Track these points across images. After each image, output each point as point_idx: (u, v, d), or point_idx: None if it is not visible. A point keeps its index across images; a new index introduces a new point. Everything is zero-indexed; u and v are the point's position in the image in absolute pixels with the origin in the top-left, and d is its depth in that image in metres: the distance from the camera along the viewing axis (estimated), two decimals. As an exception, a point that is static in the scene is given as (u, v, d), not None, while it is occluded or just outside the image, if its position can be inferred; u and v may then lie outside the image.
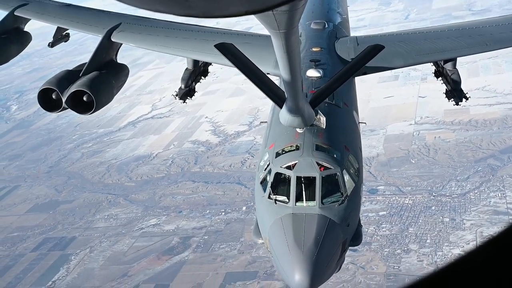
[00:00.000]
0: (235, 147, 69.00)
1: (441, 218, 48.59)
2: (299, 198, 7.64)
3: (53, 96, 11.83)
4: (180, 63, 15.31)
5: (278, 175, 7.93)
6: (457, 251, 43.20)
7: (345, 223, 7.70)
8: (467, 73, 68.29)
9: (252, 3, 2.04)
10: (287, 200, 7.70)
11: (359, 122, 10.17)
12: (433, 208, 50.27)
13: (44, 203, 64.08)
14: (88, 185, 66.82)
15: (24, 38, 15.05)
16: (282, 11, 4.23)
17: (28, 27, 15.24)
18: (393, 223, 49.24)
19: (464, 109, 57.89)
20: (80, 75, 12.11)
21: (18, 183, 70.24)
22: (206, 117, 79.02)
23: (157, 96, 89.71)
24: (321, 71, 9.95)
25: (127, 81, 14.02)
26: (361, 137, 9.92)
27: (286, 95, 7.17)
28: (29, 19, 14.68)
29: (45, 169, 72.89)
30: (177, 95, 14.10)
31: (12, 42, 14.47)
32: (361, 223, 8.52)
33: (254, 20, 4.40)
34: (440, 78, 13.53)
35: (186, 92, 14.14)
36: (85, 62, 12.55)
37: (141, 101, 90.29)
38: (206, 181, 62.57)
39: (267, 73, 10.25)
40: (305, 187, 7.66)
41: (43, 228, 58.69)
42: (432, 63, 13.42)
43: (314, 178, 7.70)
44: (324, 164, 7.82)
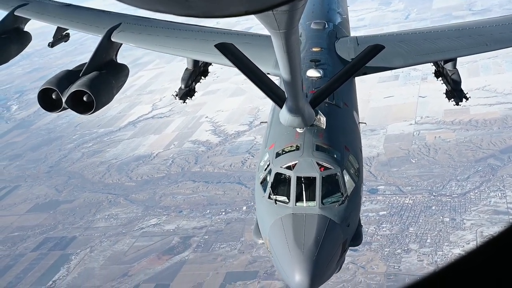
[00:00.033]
0: (236, 147, 68.99)
1: (441, 218, 48.57)
2: (299, 198, 7.63)
3: (53, 96, 11.82)
4: (181, 63, 15.30)
5: (278, 175, 7.92)
6: (457, 251, 43.17)
7: (345, 223, 7.69)
8: (468, 73, 68.28)
9: (252, 3, 2.04)
10: (287, 200, 7.69)
11: (359, 122, 10.15)
12: (433, 208, 50.25)
13: (45, 203, 64.09)
14: (89, 185, 66.81)
15: (24, 38, 15.04)
16: (282, 11, 4.23)
17: (28, 27, 15.23)
18: (393, 223, 49.22)
19: (464, 109, 57.88)
20: (80, 75, 12.10)
21: (19, 183, 70.24)
22: (207, 117, 79.00)
23: (158, 96, 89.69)
24: (321, 71, 9.94)
25: (127, 81, 14.01)
26: (361, 137, 9.91)
27: (286, 95, 7.15)
28: (29, 19, 14.67)
29: (46, 169, 72.89)
30: (177, 95, 14.09)
31: (12, 42, 14.46)
32: (361, 223, 8.51)
33: (254, 20, 4.39)
34: (440, 78, 13.52)
35: (186, 92, 14.13)
36: (85, 62, 12.53)
37: (142, 101, 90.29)
38: (207, 181, 62.56)
39: (267, 73, 10.24)
40: (305, 187, 7.64)
41: (44, 228, 58.69)
42: (432, 63, 13.42)
43: (314, 178, 7.69)
44: (324, 164, 7.81)
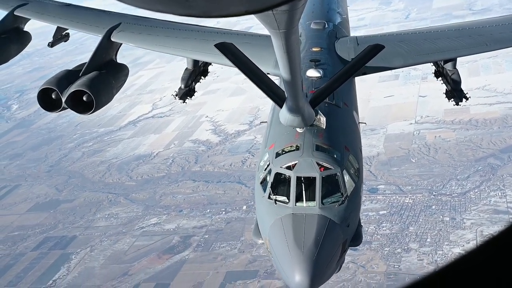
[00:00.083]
0: (236, 146, 68.99)
1: (441, 217, 48.58)
2: (299, 199, 7.62)
3: (53, 96, 11.81)
4: (181, 63, 15.29)
5: (278, 175, 7.92)
6: (457, 250, 43.17)
7: (345, 224, 7.69)
8: (468, 73, 68.25)
9: (252, 3, 2.03)
10: (287, 200, 7.68)
11: (359, 122, 10.15)
12: (433, 207, 50.26)
13: (45, 202, 64.11)
14: (89, 184, 66.83)
15: (24, 38, 15.01)
16: (282, 11, 4.23)
17: (29, 27, 15.21)
18: (394, 222, 49.23)
19: (465, 109, 57.87)
20: (80, 75, 12.09)
21: (19, 182, 70.26)
22: (207, 117, 78.99)
23: (158, 96, 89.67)
24: (321, 71, 9.94)
25: (128, 81, 14.00)
26: (362, 137, 9.92)
27: (286, 95, 7.15)
28: (29, 19, 14.65)
29: (46, 168, 72.90)
30: (177, 95, 14.07)
31: (12, 42, 14.44)
32: (361, 223, 8.51)
33: (254, 20, 4.40)
34: (440, 78, 13.50)
35: (186, 92, 14.11)
36: (85, 62, 12.52)
37: (142, 101, 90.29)
38: (207, 180, 62.57)
39: (267, 73, 10.23)
40: (305, 187, 7.64)
41: (44, 227, 58.72)
42: (432, 63, 13.41)
43: (314, 179, 7.68)
44: (324, 164, 7.81)
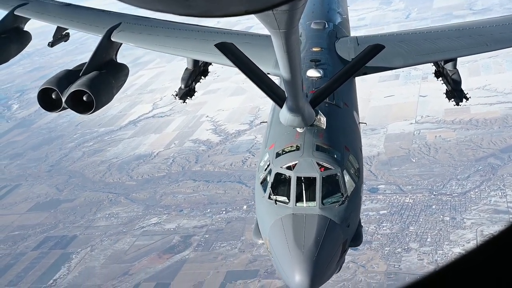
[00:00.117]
0: (236, 146, 68.99)
1: (442, 217, 48.60)
2: (299, 199, 7.61)
3: (53, 96, 11.80)
4: (181, 62, 15.28)
5: (278, 176, 7.91)
6: (458, 250, 43.17)
7: (346, 224, 7.68)
8: (468, 72, 68.24)
9: (252, 3, 2.03)
10: (287, 201, 7.67)
11: (359, 122, 10.13)
12: (434, 207, 50.26)
13: (45, 202, 64.13)
14: (89, 184, 66.85)
15: (24, 38, 15.00)
16: (282, 11, 4.22)
17: (29, 26, 15.21)
18: (394, 222, 49.24)
19: (465, 108, 57.89)
20: (80, 75, 12.08)
21: (19, 182, 70.28)
22: (207, 116, 78.99)
23: (158, 95, 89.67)
24: (321, 71, 9.93)
25: (128, 80, 13.99)
26: (362, 136, 9.90)
27: (286, 95, 7.15)
28: (29, 19, 14.65)
29: (46, 168, 72.92)
30: (177, 95, 14.05)
31: (12, 42, 14.43)
32: (362, 223, 8.51)
33: (254, 20, 4.39)
34: (441, 78, 13.48)
35: (186, 92, 14.09)
36: (85, 62, 12.51)
37: (142, 100, 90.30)
38: (207, 180, 62.58)
39: (267, 73, 10.22)
40: (306, 188, 7.63)
41: (44, 227, 58.75)
42: (433, 63, 13.39)
43: (315, 179, 7.68)
44: (325, 165, 7.80)
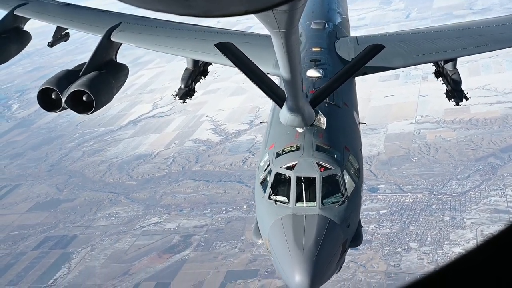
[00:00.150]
0: (236, 146, 69.01)
1: (442, 217, 48.60)
2: (299, 199, 7.60)
3: (53, 96, 11.79)
4: (181, 62, 15.28)
5: (278, 176, 7.90)
6: (458, 250, 43.20)
7: (346, 224, 7.67)
8: (468, 72, 68.26)
9: (252, 3, 2.03)
10: (287, 201, 7.67)
11: (359, 122, 10.12)
12: (434, 207, 50.27)
13: (45, 202, 64.14)
14: (89, 184, 66.86)
15: (24, 38, 14.99)
16: (282, 11, 4.22)
17: (29, 26, 15.20)
18: (394, 222, 49.24)
19: (465, 108, 57.86)
20: (80, 75, 12.07)
21: (19, 182, 70.29)
22: (207, 116, 79.00)
23: (158, 95, 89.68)
24: (321, 71, 9.92)
25: (128, 80, 13.99)
26: (362, 136, 9.89)
27: (286, 95, 7.14)
28: (29, 19, 14.63)
29: (46, 168, 72.93)
30: (177, 95, 14.04)
31: (12, 42, 14.41)
32: (361, 223, 8.50)
33: (254, 20, 4.39)
34: (441, 78, 13.47)
35: (186, 92, 14.08)
36: (85, 62, 12.49)
37: (142, 100, 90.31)
38: (207, 180, 62.58)
39: (267, 73, 10.21)
40: (305, 188, 7.62)
41: (45, 227, 58.77)
42: (432, 63, 13.39)
43: (314, 179, 7.67)
44: (324, 165, 7.79)
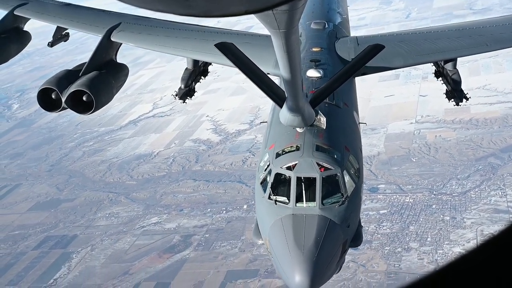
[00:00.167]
0: (236, 146, 69.02)
1: (442, 217, 48.61)
2: (299, 199, 7.60)
3: (53, 96, 11.79)
4: (181, 62, 15.27)
5: (278, 176, 7.90)
6: (458, 250, 43.22)
7: (346, 224, 7.67)
8: (468, 72, 68.25)
9: (252, 3, 2.02)
10: (287, 201, 7.66)
11: (359, 123, 10.12)
12: (434, 207, 50.28)
13: (46, 202, 64.16)
14: (90, 184, 66.87)
15: (24, 38, 14.98)
16: (282, 11, 4.22)
17: (29, 26, 15.20)
18: (394, 222, 49.25)
19: (465, 108, 57.86)
20: (80, 75, 12.06)
21: (20, 182, 70.31)
22: (207, 116, 79.01)
23: (158, 95, 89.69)
24: (321, 71, 9.92)
25: (128, 80, 13.98)
26: (362, 136, 9.89)
27: (286, 95, 7.14)
28: (29, 19, 14.63)
29: (47, 168, 72.96)
30: (177, 95, 14.03)
31: (12, 42, 14.40)
32: (361, 224, 8.50)
33: (254, 20, 4.39)
34: (441, 79, 13.46)
35: (186, 92, 14.08)
36: (85, 62, 12.48)
37: (142, 100, 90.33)
38: (207, 180, 62.59)
39: (267, 73, 10.21)
40: (305, 188, 7.61)
41: (45, 226, 58.79)
42: (433, 63, 13.38)
43: (314, 179, 7.66)
44: (325, 165, 7.79)
